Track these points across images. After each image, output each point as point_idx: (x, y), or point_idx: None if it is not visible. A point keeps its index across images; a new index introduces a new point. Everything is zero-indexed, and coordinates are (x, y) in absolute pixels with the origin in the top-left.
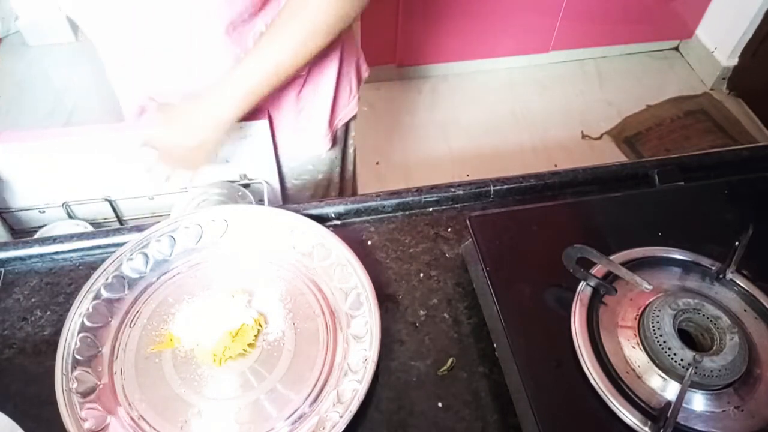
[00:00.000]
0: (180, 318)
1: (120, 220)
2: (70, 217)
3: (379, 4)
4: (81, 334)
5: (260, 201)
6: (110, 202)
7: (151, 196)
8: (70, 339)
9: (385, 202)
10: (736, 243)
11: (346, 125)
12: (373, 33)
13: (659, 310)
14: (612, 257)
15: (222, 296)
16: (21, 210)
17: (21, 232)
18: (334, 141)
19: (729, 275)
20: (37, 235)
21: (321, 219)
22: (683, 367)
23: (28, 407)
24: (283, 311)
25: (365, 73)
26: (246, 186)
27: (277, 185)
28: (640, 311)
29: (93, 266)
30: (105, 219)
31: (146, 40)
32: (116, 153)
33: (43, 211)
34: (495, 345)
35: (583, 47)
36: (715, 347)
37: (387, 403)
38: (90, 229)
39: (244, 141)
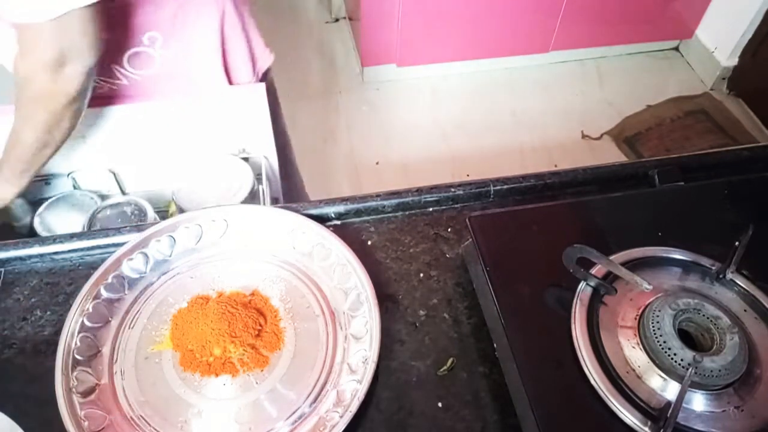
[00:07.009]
0: (180, 318)
1: (123, 192)
2: (75, 188)
3: (379, 4)
4: (81, 334)
5: (258, 176)
6: (114, 173)
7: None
8: (70, 339)
9: (385, 202)
10: (736, 243)
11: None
12: (373, 33)
13: (659, 310)
14: (612, 257)
15: (221, 293)
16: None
17: (31, 203)
18: None
19: (729, 275)
20: (45, 204)
21: (321, 219)
22: (683, 367)
23: (28, 407)
24: (283, 311)
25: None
26: (245, 160)
27: (275, 160)
28: (640, 311)
29: (93, 266)
30: (109, 191)
31: None
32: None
33: (49, 182)
34: (495, 345)
35: (583, 47)
36: (715, 347)
37: (387, 403)
38: (96, 199)
39: (239, 108)
